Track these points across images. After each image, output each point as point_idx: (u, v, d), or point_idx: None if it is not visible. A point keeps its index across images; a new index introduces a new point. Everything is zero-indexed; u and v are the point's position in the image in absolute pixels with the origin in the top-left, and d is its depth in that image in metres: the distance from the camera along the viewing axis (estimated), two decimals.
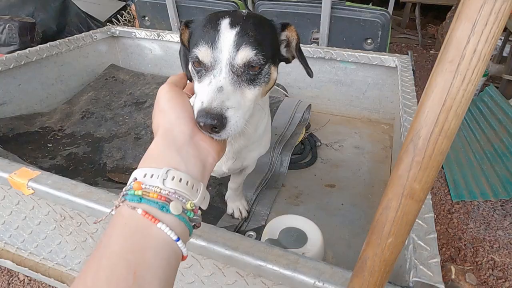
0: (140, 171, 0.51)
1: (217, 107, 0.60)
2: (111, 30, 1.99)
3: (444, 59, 0.43)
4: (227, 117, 0.60)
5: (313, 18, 1.78)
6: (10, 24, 3.12)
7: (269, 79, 0.72)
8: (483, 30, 0.40)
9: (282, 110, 1.60)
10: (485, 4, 0.39)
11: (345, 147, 1.62)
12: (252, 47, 0.65)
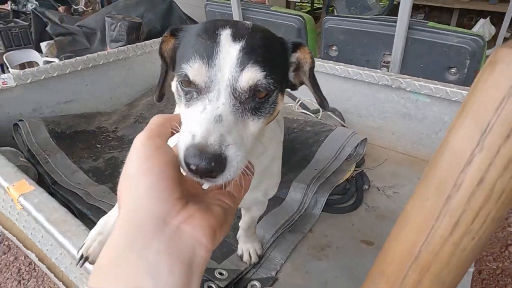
0: None
1: (215, 144, 0.45)
2: None
3: (429, 179, 0.26)
4: (227, 156, 0.46)
5: (385, 39, 1.54)
6: (121, 23, 3.48)
7: (274, 109, 0.58)
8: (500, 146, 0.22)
9: (330, 141, 1.41)
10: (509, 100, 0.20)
11: (400, 195, 1.35)
12: (261, 67, 0.52)
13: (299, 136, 1.46)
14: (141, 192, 0.39)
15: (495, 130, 0.20)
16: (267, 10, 1.83)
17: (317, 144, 1.41)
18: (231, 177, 0.47)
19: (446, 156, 0.23)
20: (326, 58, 1.75)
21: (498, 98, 0.20)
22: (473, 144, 0.21)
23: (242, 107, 0.52)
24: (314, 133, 1.46)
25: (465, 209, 0.23)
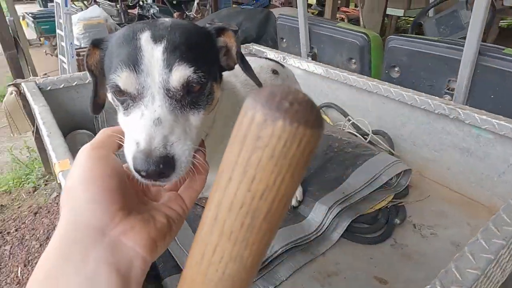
0: None
1: (159, 146, 0.47)
2: (250, 48, 2.15)
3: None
4: (175, 154, 0.48)
5: (452, 64, 1.38)
6: None
7: (212, 99, 0.59)
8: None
9: (367, 166, 1.34)
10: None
11: (439, 238, 1.21)
12: (188, 63, 0.52)
13: (337, 156, 1.42)
14: (80, 203, 0.38)
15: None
16: (333, 26, 1.81)
17: (353, 167, 1.35)
18: (183, 171, 0.48)
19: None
20: (388, 79, 1.65)
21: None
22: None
23: (179, 104, 0.53)
24: (354, 156, 1.40)
25: (207, 243, 0.25)
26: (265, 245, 0.23)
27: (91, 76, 0.65)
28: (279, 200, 0.21)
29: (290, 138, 0.19)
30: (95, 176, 0.40)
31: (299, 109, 0.19)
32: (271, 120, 0.19)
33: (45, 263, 0.36)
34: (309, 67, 1.76)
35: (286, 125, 0.19)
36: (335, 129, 1.60)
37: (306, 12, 1.84)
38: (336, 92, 1.73)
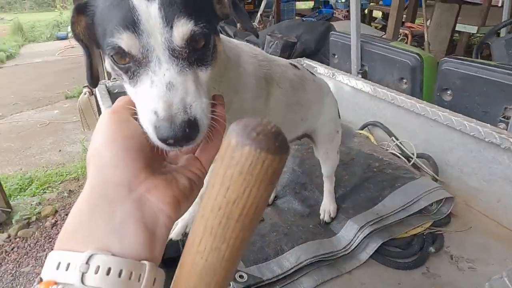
0: (52, 258, 0.36)
1: (180, 111, 0.45)
2: (301, 62, 2.20)
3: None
4: (196, 116, 0.46)
5: (509, 90, 1.29)
6: (278, 41, 3.96)
7: (216, 52, 0.57)
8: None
9: (406, 189, 1.31)
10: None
11: (478, 273, 1.14)
12: (187, 16, 0.49)
13: (375, 176, 1.41)
14: (106, 162, 0.40)
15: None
16: (386, 45, 1.80)
17: (391, 189, 1.33)
18: (205, 130, 0.47)
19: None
20: (439, 102, 1.59)
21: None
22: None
23: (187, 63, 0.50)
24: (393, 177, 1.38)
25: (196, 234, 0.31)
26: (240, 242, 0.29)
27: (82, 46, 0.60)
28: (249, 207, 0.27)
29: (255, 160, 0.25)
30: (118, 137, 0.42)
31: (263, 139, 0.25)
32: (241, 145, 0.25)
33: (74, 217, 0.38)
34: (357, 85, 1.77)
35: (252, 150, 0.25)
36: (378, 148, 1.58)
37: (359, 30, 1.85)
38: (383, 111, 1.71)
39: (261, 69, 0.85)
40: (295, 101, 1.02)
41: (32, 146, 4.90)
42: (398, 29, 4.23)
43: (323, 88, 1.19)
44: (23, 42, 11.24)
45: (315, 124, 1.18)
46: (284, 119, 0.99)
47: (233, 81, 0.76)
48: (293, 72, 1.03)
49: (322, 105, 1.17)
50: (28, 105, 6.25)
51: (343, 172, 1.47)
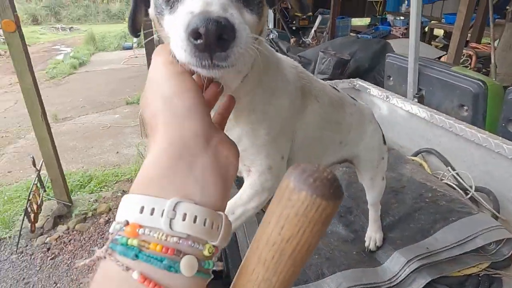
0: (134, 201, 0.35)
1: (219, 10, 0.41)
2: (354, 83, 2.18)
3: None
4: (235, 24, 0.41)
5: None
6: (331, 58, 3.98)
7: (262, 10, 0.54)
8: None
9: (461, 224, 1.23)
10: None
11: None
12: None
13: (427, 207, 1.34)
14: (182, 113, 0.39)
15: None
16: (447, 69, 1.71)
17: (444, 222, 1.26)
18: (243, 49, 0.42)
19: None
20: (504, 133, 1.48)
21: None
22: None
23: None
24: (447, 210, 1.31)
25: (249, 263, 0.33)
26: (290, 276, 0.31)
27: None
28: (301, 245, 0.28)
29: (310, 205, 0.27)
30: (186, 89, 0.41)
31: (319, 185, 0.27)
32: (298, 189, 0.27)
33: (154, 166, 0.38)
34: (413, 109, 1.71)
35: (308, 195, 0.27)
36: (432, 178, 1.51)
37: (418, 52, 1.79)
38: (440, 139, 1.63)
39: (300, 80, 0.86)
40: (334, 119, 1.00)
41: (94, 147, 5.31)
42: (460, 52, 4.01)
43: (365, 114, 1.14)
44: (94, 50, 12.34)
45: (356, 150, 1.14)
46: (322, 135, 0.97)
47: (273, 84, 0.76)
48: (333, 91, 1.03)
49: (363, 132, 1.12)
50: (93, 108, 6.81)
51: (392, 200, 1.43)
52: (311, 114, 0.89)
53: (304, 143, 0.91)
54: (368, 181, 1.20)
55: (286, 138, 0.81)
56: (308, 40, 8.68)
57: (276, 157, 0.77)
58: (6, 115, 6.70)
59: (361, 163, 1.17)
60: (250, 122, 0.71)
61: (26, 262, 2.96)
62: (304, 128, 0.88)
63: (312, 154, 1.00)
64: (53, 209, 3.48)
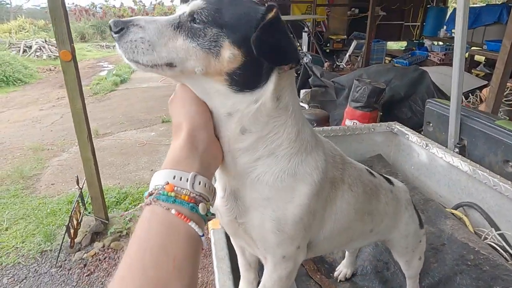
0: (168, 173, 0.58)
1: (127, 21, 0.63)
2: (392, 127, 2.17)
3: None
4: (127, 28, 0.62)
5: None
6: (365, 87, 3.96)
7: (217, 49, 0.63)
8: None
9: None
10: None
11: None
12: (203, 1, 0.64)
13: (469, 271, 1.30)
14: (196, 125, 0.65)
15: None
16: (491, 123, 1.67)
17: None
18: (125, 49, 0.62)
19: None
20: None
21: None
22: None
23: (182, 23, 0.64)
24: (491, 277, 1.26)
25: None
26: None
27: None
28: None
29: None
30: (203, 109, 0.69)
31: None
32: None
33: (178, 153, 0.63)
34: (454, 161, 1.68)
35: None
36: (474, 237, 1.47)
37: (460, 102, 1.77)
38: (483, 194, 1.59)
39: (332, 171, 0.81)
40: (367, 210, 0.94)
41: (130, 163, 5.54)
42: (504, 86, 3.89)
43: (400, 201, 1.07)
44: None
45: (388, 236, 1.09)
46: (351, 226, 0.90)
47: (293, 159, 0.71)
48: (369, 178, 0.97)
49: (398, 219, 1.06)
50: (131, 125, 7.12)
51: (431, 258, 1.40)
52: (343, 204, 0.85)
53: (333, 234, 0.86)
54: (403, 263, 1.16)
55: (304, 228, 0.75)
56: (342, 64, 8.67)
57: (289, 248, 0.75)
58: (52, 129, 7.16)
59: (394, 248, 1.13)
60: (261, 205, 0.71)
61: (64, 277, 3.11)
62: (333, 219, 0.84)
63: (338, 243, 0.96)
64: (91, 225, 3.64)
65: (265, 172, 0.70)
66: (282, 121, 0.69)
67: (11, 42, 15.91)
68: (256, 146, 0.69)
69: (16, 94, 10.38)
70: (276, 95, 0.66)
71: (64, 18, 2.82)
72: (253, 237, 0.75)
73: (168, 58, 0.63)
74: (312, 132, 0.77)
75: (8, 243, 3.57)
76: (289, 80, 0.69)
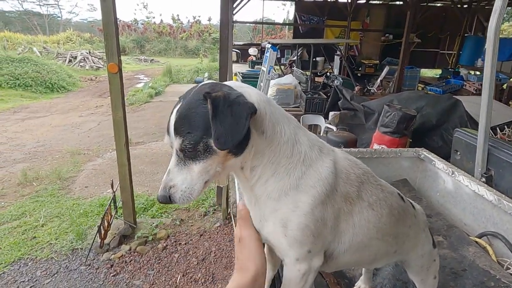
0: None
1: (161, 189, 0.76)
2: (419, 153, 2.20)
3: None
4: (170, 195, 0.74)
5: None
6: (395, 113, 3.96)
7: (210, 151, 0.74)
8: None
9: None
10: None
11: None
12: (180, 136, 0.73)
13: None
14: (251, 252, 0.83)
15: None
16: None
17: None
18: (182, 202, 0.75)
19: None
20: None
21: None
22: None
23: (183, 157, 0.75)
24: None
25: None
26: None
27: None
28: None
29: None
30: (255, 237, 0.85)
31: None
32: None
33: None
34: (479, 190, 1.70)
35: None
36: (496, 266, 1.47)
37: (488, 132, 1.79)
38: (507, 225, 1.59)
39: (345, 186, 0.86)
40: (393, 232, 0.98)
41: (159, 172, 5.75)
42: None
43: (420, 223, 1.12)
44: (169, 82, 13.55)
45: (406, 257, 1.13)
46: (371, 243, 0.94)
47: (292, 174, 0.81)
48: (398, 202, 1.01)
49: (417, 240, 1.11)
50: (162, 136, 7.41)
51: (451, 282, 1.41)
52: (362, 221, 0.89)
53: (352, 247, 0.91)
54: (419, 282, 1.19)
55: (313, 235, 0.82)
56: (373, 89, 8.64)
57: (300, 251, 0.83)
58: (89, 135, 7.60)
59: (410, 267, 1.17)
60: (272, 210, 0.82)
61: (92, 275, 3.27)
62: (351, 233, 0.89)
63: (361, 259, 0.99)
64: (119, 228, 3.82)
65: (272, 190, 0.81)
66: (275, 144, 0.80)
67: (59, 52, 17.09)
68: (263, 173, 0.81)
69: (59, 100, 11.12)
70: (260, 131, 0.78)
71: (115, 33, 3.09)
72: (270, 241, 0.87)
73: (202, 183, 0.76)
74: (310, 144, 0.85)
75: (43, 239, 3.81)
76: (262, 114, 0.78)
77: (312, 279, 0.88)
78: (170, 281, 3.25)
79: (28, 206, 4.55)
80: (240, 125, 0.70)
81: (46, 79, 11.95)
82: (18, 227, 4.07)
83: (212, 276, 3.32)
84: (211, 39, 25.40)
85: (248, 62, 12.57)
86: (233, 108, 0.71)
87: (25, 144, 6.97)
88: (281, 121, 0.82)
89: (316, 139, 0.89)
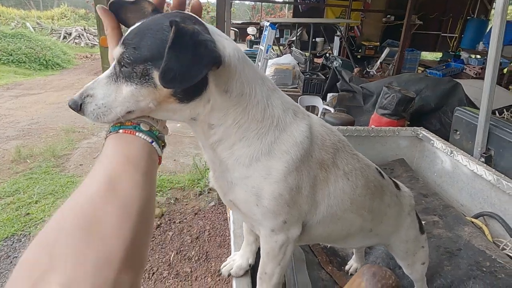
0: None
1: (74, 97, 0.68)
2: (418, 132, 2.16)
3: None
4: (82, 103, 0.66)
5: None
6: (394, 94, 3.89)
7: (149, 82, 0.65)
8: None
9: None
10: None
11: None
12: (125, 46, 0.65)
13: (483, 277, 1.29)
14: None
15: None
16: None
17: None
18: (91, 117, 0.67)
19: None
20: None
21: None
22: None
23: (116, 72, 0.66)
24: (506, 285, 1.25)
25: None
26: None
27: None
28: None
29: None
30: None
31: None
32: None
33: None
34: (478, 170, 1.66)
35: None
36: (491, 246, 1.45)
37: (490, 111, 1.74)
38: (505, 205, 1.56)
39: (320, 152, 0.82)
40: (368, 206, 0.94)
41: None
42: None
43: (403, 206, 1.07)
44: None
45: (388, 240, 1.09)
46: (348, 217, 0.91)
47: (264, 139, 0.75)
48: (375, 176, 0.97)
49: (399, 225, 1.07)
50: None
51: (445, 262, 1.39)
52: (337, 190, 0.86)
53: (326, 219, 0.87)
54: (405, 266, 1.16)
55: (287, 204, 0.77)
56: (372, 71, 8.53)
57: (274, 221, 0.78)
58: None
59: (394, 252, 1.14)
60: (241, 177, 0.75)
61: None
62: (326, 203, 0.85)
63: (334, 234, 0.95)
64: None
65: (241, 155, 0.74)
66: (243, 107, 0.72)
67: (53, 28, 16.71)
68: (227, 135, 0.74)
69: (53, 77, 10.92)
70: (222, 89, 0.70)
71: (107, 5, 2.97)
72: (241, 209, 0.81)
73: (124, 109, 0.66)
74: (284, 107, 0.78)
75: (36, 215, 3.79)
76: (231, 72, 0.70)
77: (291, 251, 0.84)
78: (163, 258, 3.26)
79: (22, 183, 4.51)
80: (195, 70, 0.61)
81: (40, 55, 11.70)
82: (12, 203, 4.04)
83: (205, 254, 3.33)
84: (209, 17, 24.95)
85: (247, 41, 12.35)
86: (196, 49, 0.61)
87: (19, 121, 6.88)
88: (252, 82, 0.74)
89: (292, 102, 0.83)
